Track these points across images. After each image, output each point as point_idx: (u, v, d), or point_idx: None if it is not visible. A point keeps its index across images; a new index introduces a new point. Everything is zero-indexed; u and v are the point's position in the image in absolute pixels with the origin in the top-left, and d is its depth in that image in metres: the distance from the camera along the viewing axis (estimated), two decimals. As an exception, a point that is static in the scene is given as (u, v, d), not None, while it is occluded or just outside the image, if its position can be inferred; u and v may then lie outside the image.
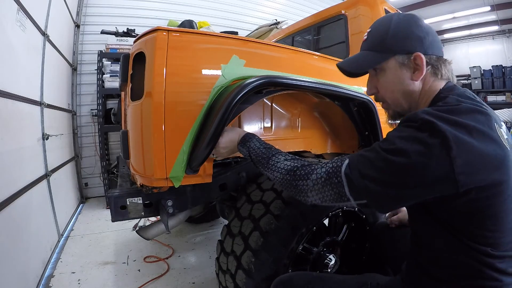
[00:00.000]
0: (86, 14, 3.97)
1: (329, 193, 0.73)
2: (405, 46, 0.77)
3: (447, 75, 0.79)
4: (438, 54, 0.78)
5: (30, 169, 2.03)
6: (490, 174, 0.63)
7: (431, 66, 0.77)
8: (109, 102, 3.88)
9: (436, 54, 0.78)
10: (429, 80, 0.78)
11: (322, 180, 0.74)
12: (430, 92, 0.78)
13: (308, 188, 0.77)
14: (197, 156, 1.03)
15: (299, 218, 1.14)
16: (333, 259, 1.31)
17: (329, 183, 0.73)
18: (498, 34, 9.33)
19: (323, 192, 0.74)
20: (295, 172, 0.81)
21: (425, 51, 0.76)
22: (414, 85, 0.79)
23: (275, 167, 0.86)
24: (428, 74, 0.78)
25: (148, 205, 1.20)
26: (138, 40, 1.13)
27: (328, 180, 0.73)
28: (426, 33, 0.77)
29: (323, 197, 0.74)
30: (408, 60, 0.77)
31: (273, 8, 5.57)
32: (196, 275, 2.00)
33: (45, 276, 1.97)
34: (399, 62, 0.78)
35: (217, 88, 1.08)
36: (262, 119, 1.54)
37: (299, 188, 0.79)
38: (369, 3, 2.08)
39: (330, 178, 0.73)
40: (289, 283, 0.95)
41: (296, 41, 2.77)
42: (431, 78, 0.78)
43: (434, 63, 0.77)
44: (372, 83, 0.87)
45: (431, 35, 0.78)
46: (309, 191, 0.77)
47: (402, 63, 0.78)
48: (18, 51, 1.95)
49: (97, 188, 3.99)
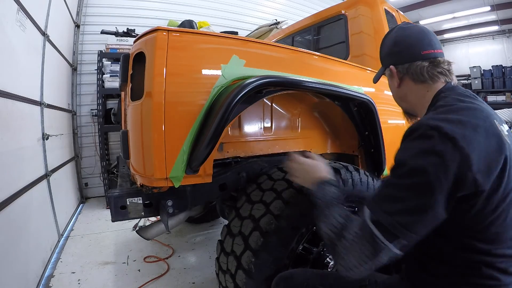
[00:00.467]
0: (86, 14, 3.98)
1: (365, 248, 0.67)
2: (386, 61, 0.96)
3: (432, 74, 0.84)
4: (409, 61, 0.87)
5: (30, 169, 2.03)
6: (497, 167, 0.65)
7: (405, 73, 0.89)
8: (109, 102, 3.88)
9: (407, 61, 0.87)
10: (410, 84, 0.89)
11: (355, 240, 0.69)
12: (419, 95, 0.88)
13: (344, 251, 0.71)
14: (197, 156, 1.03)
15: (299, 218, 1.14)
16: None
17: (362, 239, 0.68)
18: (498, 34, 9.33)
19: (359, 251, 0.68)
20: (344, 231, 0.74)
21: (395, 63, 0.91)
22: (402, 91, 0.93)
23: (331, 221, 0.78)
24: (408, 80, 0.89)
25: (148, 205, 1.20)
26: (138, 40, 1.13)
27: (360, 238, 0.69)
28: (395, 45, 0.92)
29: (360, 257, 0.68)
30: (389, 72, 0.94)
31: (273, 8, 5.57)
32: (196, 275, 1.99)
33: (45, 276, 1.97)
34: (387, 74, 0.96)
35: (217, 88, 1.08)
36: (262, 119, 1.54)
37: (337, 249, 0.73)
38: (369, 3, 2.08)
39: (362, 236, 0.69)
40: (290, 280, 0.97)
41: (296, 41, 2.77)
42: (411, 82, 0.89)
43: (406, 72, 0.88)
44: None
45: (400, 45, 0.90)
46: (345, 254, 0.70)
47: (389, 75, 0.95)
48: (18, 51, 1.95)
49: (97, 188, 3.99)
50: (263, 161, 1.46)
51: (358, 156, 1.83)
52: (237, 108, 1.03)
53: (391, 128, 1.85)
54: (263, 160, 1.47)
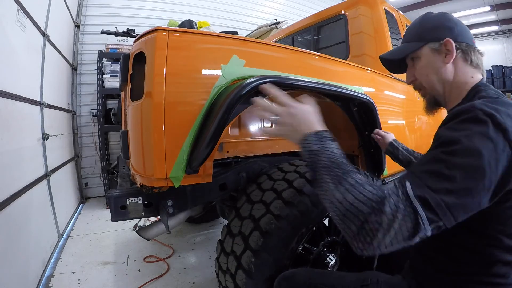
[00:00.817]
0: (86, 14, 3.98)
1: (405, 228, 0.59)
2: (436, 34, 0.86)
3: (476, 62, 0.85)
4: (468, 42, 0.85)
5: (30, 169, 2.03)
6: None
7: (461, 51, 0.84)
8: (109, 102, 3.88)
9: (466, 41, 0.85)
10: (460, 64, 0.85)
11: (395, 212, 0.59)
12: (464, 78, 0.84)
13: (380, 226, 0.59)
14: (197, 156, 1.03)
15: (299, 218, 1.14)
16: (333, 259, 1.31)
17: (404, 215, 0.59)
18: (498, 34, 9.33)
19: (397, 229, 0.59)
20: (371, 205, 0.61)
21: (455, 38, 0.84)
22: (446, 68, 0.86)
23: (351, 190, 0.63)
24: (459, 58, 0.85)
25: (148, 205, 1.20)
26: (138, 40, 1.13)
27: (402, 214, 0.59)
28: (455, 24, 0.87)
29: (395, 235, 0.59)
30: (440, 46, 0.85)
31: (273, 8, 5.57)
32: (196, 275, 1.99)
33: (45, 276, 1.97)
34: (431, 49, 0.87)
35: (217, 88, 1.08)
36: (262, 119, 1.54)
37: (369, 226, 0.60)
38: (369, 3, 2.08)
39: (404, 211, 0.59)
40: (292, 279, 0.96)
41: (296, 41, 2.77)
42: (461, 62, 0.85)
43: (463, 49, 0.84)
44: (410, 72, 0.95)
45: (460, 26, 0.87)
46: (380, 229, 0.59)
47: (434, 49, 0.87)
48: (18, 51, 1.95)
49: (97, 188, 3.99)
50: (263, 161, 1.46)
51: (358, 156, 1.83)
52: (237, 108, 1.03)
53: (391, 128, 1.85)
54: (263, 160, 1.47)
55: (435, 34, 0.87)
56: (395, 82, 2.02)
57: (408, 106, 2.18)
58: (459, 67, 0.85)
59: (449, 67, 0.86)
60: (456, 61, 0.85)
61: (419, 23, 0.93)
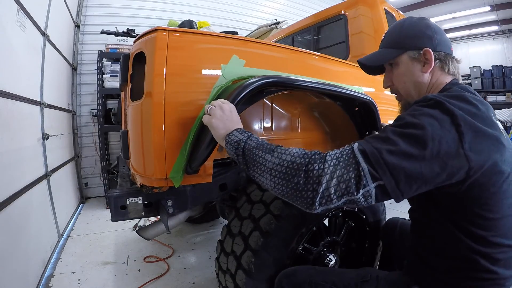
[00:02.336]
0: (86, 14, 3.97)
1: (346, 175, 0.63)
2: (416, 43, 0.88)
3: (453, 71, 0.88)
4: (446, 51, 0.87)
5: (30, 169, 2.03)
6: (492, 155, 0.67)
7: (439, 60, 0.86)
8: (109, 102, 3.87)
9: (445, 51, 0.87)
10: (437, 73, 0.87)
11: (337, 160, 0.65)
12: (438, 84, 0.87)
13: (323, 172, 0.64)
14: (197, 156, 1.03)
15: (299, 218, 1.14)
16: (333, 259, 1.31)
17: (346, 162, 0.64)
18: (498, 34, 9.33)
19: (339, 175, 0.63)
20: (310, 156, 0.68)
21: (434, 48, 0.86)
22: (424, 77, 0.88)
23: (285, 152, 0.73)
24: (437, 67, 0.87)
25: (148, 205, 1.20)
26: (138, 40, 1.13)
27: (343, 160, 0.64)
28: (435, 33, 0.87)
29: (338, 182, 0.63)
30: (419, 54, 0.87)
31: (273, 8, 5.57)
32: (196, 275, 1.99)
33: (45, 276, 1.97)
34: (410, 57, 0.89)
35: (217, 88, 1.08)
36: (262, 119, 1.54)
37: (312, 173, 0.65)
38: (369, 3, 2.08)
39: (347, 160, 0.64)
40: (293, 277, 0.98)
41: (296, 41, 2.77)
42: (439, 71, 0.87)
43: (442, 58, 0.86)
44: (388, 77, 0.97)
45: (440, 34, 0.88)
46: (323, 175, 0.64)
47: (413, 58, 0.88)
48: (18, 51, 1.95)
49: (97, 188, 3.99)
50: (263, 161, 1.46)
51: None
52: (238, 108, 1.02)
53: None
54: (263, 160, 1.47)
55: (415, 43, 0.88)
56: (395, 82, 2.02)
57: (408, 106, 2.18)
58: (436, 75, 0.87)
59: (426, 75, 0.88)
60: (433, 70, 0.87)
61: (399, 29, 0.93)
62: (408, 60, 0.89)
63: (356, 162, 0.63)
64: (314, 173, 0.65)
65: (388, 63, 0.95)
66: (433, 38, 0.86)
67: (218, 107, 0.88)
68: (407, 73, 0.90)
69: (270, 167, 0.72)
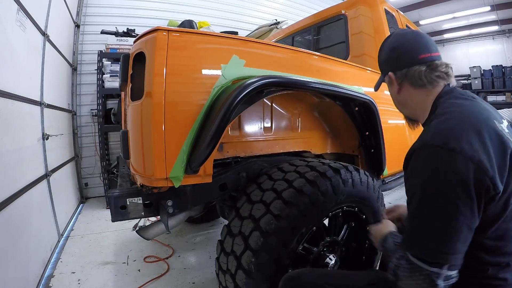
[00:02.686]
0: (86, 14, 3.98)
1: (421, 281, 0.69)
2: (385, 68, 0.95)
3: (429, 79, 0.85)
4: (406, 67, 0.87)
5: (30, 169, 2.03)
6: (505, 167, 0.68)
7: (404, 79, 0.88)
8: (109, 102, 3.87)
9: (405, 67, 0.87)
10: (410, 90, 0.89)
11: (408, 275, 0.71)
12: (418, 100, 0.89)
13: None
14: (197, 156, 1.03)
15: (299, 218, 1.14)
16: (333, 259, 1.31)
17: (414, 272, 0.70)
18: (498, 34, 9.32)
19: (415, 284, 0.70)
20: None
21: (393, 69, 0.90)
22: (402, 97, 0.93)
23: None
24: (407, 86, 0.89)
25: (148, 205, 1.20)
26: (138, 40, 1.13)
27: (411, 271, 0.70)
28: (392, 52, 0.92)
29: None
30: (389, 79, 0.93)
31: (273, 8, 5.57)
32: (196, 275, 1.99)
33: (45, 276, 1.97)
34: (387, 81, 0.96)
35: (217, 88, 1.08)
36: (262, 119, 1.54)
37: None
38: (369, 3, 2.08)
39: (412, 269, 0.70)
40: (298, 279, 0.97)
41: (296, 41, 2.77)
42: (410, 88, 0.89)
43: (405, 76, 0.88)
44: None
45: (397, 51, 0.90)
46: None
47: (388, 82, 0.95)
48: (18, 51, 1.95)
49: (97, 188, 3.99)
50: (263, 161, 1.46)
51: (358, 156, 1.83)
52: (238, 108, 1.03)
53: (391, 128, 1.85)
54: (263, 160, 1.47)
55: (384, 68, 0.95)
56: (395, 82, 2.02)
57: (408, 106, 2.18)
58: (410, 92, 0.89)
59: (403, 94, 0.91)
60: (405, 88, 0.89)
61: (379, 54, 0.99)
62: (387, 84, 0.96)
63: (419, 268, 0.69)
64: None
65: None
66: (389, 60, 0.92)
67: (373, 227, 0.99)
68: (391, 95, 0.98)
69: None
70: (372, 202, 1.45)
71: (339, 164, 1.33)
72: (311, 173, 1.22)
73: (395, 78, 0.90)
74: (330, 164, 1.30)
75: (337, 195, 1.23)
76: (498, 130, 0.70)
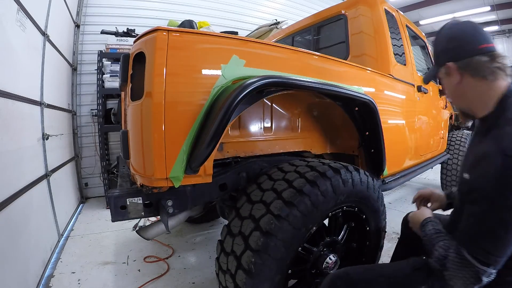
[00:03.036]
0: (86, 14, 3.98)
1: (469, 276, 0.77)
2: (442, 60, 0.93)
3: (490, 71, 0.85)
4: (469, 55, 0.86)
5: (30, 169, 2.03)
6: None
7: (465, 69, 0.87)
8: (109, 102, 3.88)
9: (467, 56, 0.86)
10: (471, 81, 0.88)
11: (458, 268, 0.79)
12: (478, 93, 0.88)
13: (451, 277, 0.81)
14: (197, 156, 1.03)
15: (299, 218, 1.14)
16: (334, 259, 1.31)
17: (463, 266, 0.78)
18: (498, 34, 9.33)
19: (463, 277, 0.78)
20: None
21: (455, 59, 0.88)
22: (461, 88, 0.91)
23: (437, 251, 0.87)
24: (467, 76, 0.88)
25: (148, 205, 1.20)
26: (138, 40, 1.13)
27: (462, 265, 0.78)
28: (450, 42, 0.90)
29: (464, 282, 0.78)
30: (446, 70, 0.91)
31: (273, 8, 5.57)
32: (196, 275, 1.99)
33: (45, 276, 1.97)
34: (443, 73, 0.94)
35: (217, 88, 1.08)
36: (262, 119, 1.54)
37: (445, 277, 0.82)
38: (369, 3, 2.08)
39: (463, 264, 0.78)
40: (347, 276, 0.98)
41: (296, 41, 2.77)
42: (471, 79, 0.87)
43: (467, 66, 0.86)
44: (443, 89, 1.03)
45: (455, 41, 0.89)
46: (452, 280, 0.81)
47: (445, 73, 0.94)
48: (18, 51, 1.95)
49: (97, 188, 3.99)
50: (263, 161, 1.46)
51: (358, 156, 1.83)
52: (238, 108, 1.03)
53: (391, 128, 1.85)
54: (263, 160, 1.47)
55: (441, 60, 0.93)
56: (395, 82, 2.02)
57: (408, 106, 2.18)
58: (471, 84, 0.88)
59: (463, 85, 0.89)
60: (465, 79, 0.88)
61: (434, 44, 0.98)
62: (443, 76, 0.95)
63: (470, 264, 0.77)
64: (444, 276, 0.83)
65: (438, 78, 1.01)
66: (447, 51, 0.90)
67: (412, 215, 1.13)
68: (447, 87, 0.96)
69: None
70: (372, 202, 1.45)
71: (339, 164, 1.33)
72: (311, 173, 1.22)
73: (457, 67, 0.88)
74: (330, 164, 1.30)
75: (337, 195, 1.23)
76: None
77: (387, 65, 1.99)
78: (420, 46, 2.88)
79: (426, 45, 2.94)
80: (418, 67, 2.45)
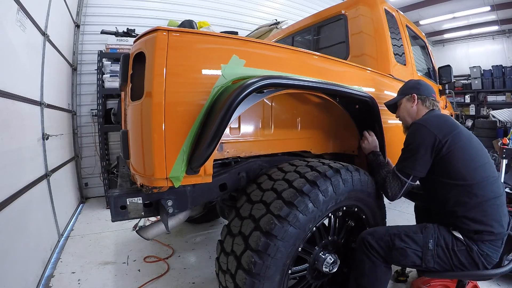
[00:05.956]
0: (86, 14, 3.97)
1: (397, 184, 1.37)
2: (407, 92, 1.60)
3: (431, 106, 1.53)
4: (425, 95, 1.54)
5: (30, 169, 2.03)
6: (449, 136, 1.29)
7: (420, 100, 1.54)
8: (109, 102, 3.87)
9: (424, 94, 1.54)
10: (420, 107, 1.55)
11: (391, 180, 1.40)
12: (420, 113, 1.54)
13: (389, 186, 1.41)
14: (197, 156, 1.03)
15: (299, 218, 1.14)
16: (333, 258, 1.31)
17: (395, 179, 1.39)
18: (498, 34, 9.32)
19: (394, 185, 1.38)
20: None
21: (418, 93, 1.55)
22: (413, 110, 1.56)
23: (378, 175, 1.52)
24: (419, 103, 1.55)
25: (148, 205, 1.20)
26: (138, 40, 1.13)
27: (394, 179, 1.39)
28: (418, 85, 1.58)
29: (395, 188, 1.38)
30: (410, 97, 1.57)
31: (273, 8, 5.57)
32: (196, 275, 2.00)
33: (45, 276, 1.98)
34: (406, 99, 1.59)
35: (217, 88, 1.08)
36: (262, 119, 1.54)
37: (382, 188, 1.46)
38: (369, 3, 2.08)
39: (394, 178, 1.39)
40: (375, 232, 1.33)
41: (296, 41, 2.77)
42: (421, 105, 1.55)
43: (422, 98, 1.54)
44: (398, 112, 1.65)
45: (422, 86, 1.58)
46: (389, 188, 1.41)
47: (408, 99, 1.58)
48: (18, 51, 1.95)
49: (97, 188, 3.99)
50: (263, 161, 1.46)
51: (358, 156, 1.83)
52: (238, 108, 1.03)
53: (391, 128, 1.85)
54: (263, 160, 1.47)
55: (408, 91, 1.58)
56: (395, 82, 2.02)
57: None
58: (419, 108, 1.54)
59: (414, 108, 1.55)
60: (418, 105, 1.54)
61: (406, 84, 1.66)
62: (405, 101, 1.59)
63: (397, 176, 1.39)
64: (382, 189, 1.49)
65: (398, 103, 1.62)
66: (417, 88, 1.56)
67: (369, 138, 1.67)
68: (406, 108, 1.58)
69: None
70: (372, 202, 1.45)
71: (339, 164, 1.33)
72: (311, 173, 1.22)
73: (417, 97, 1.54)
74: (330, 164, 1.30)
75: (337, 195, 1.23)
76: (454, 123, 1.38)
77: (387, 65, 1.99)
78: (420, 46, 2.88)
79: (426, 45, 2.94)
80: (418, 67, 2.45)
